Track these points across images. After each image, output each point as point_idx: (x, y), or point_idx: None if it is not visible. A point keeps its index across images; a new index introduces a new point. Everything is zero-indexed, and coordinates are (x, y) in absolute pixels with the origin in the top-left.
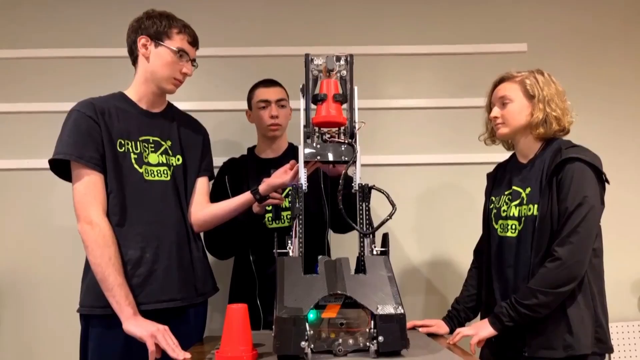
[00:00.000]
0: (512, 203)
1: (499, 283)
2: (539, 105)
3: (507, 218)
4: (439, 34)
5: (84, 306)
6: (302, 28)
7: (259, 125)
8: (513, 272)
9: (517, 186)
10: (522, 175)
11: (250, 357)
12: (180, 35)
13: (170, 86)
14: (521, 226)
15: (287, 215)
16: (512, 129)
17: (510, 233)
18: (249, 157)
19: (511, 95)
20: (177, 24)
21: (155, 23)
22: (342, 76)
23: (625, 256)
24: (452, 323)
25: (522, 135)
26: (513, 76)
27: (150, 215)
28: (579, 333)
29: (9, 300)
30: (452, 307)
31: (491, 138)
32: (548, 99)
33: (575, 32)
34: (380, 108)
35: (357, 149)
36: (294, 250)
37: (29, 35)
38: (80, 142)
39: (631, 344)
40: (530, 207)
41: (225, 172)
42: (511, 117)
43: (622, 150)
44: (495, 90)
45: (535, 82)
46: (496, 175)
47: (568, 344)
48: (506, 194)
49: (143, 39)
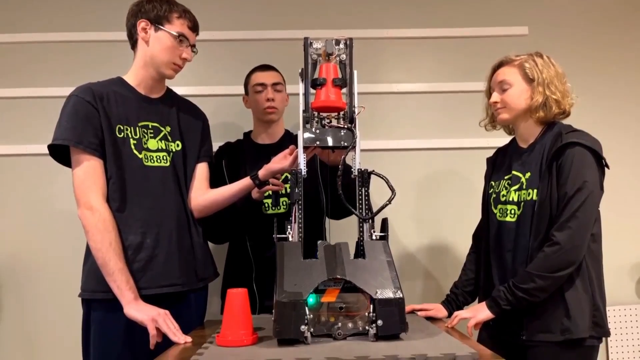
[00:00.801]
0: (511, 188)
1: (497, 267)
2: (538, 89)
3: (507, 203)
4: (439, 17)
5: (85, 291)
6: (301, 11)
7: (255, 109)
8: (512, 256)
9: (517, 171)
10: (522, 160)
11: (251, 341)
12: (180, 20)
13: (169, 71)
14: (520, 211)
15: (284, 201)
16: (512, 113)
17: (509, 218)
18: (245, 141)
19: (510, 79)
20: (178, 9)
21: (155, 7)
22: (342, 60)
23: (623, 240)
24: (450, 307)
25: (523, 119)
26: (512, 60)
27: (150, 201)
28: (577, 317)
29: (9, 287)
30: (450, 291)
31: (491, 123)
32: (547, 82)
33: (576, 15)
34: (380, 92)
35: (357, 134)
36: (294, 236)
37: (27, 19)
38: (79, 127)
39: (628, 328)
40: (529, 191)
41: (222, 156)
42: (511, 102)
43: (624, 133)
44: (495, 75)
45: (534, 65)
46: (496, 159)
47: (565, 327)
48: (506, 179)
49: (143, 23)
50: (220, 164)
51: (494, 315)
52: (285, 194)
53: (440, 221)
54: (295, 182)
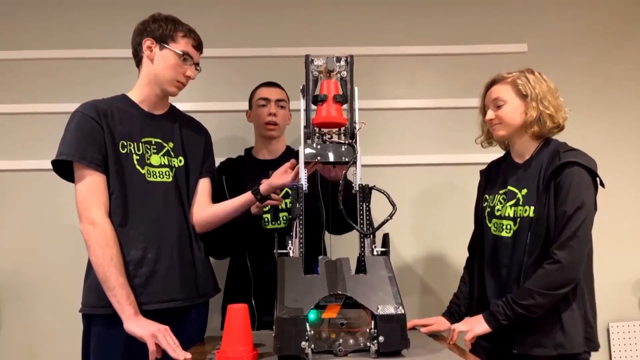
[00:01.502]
0: (507, 203)
1: (492, 281)
2: (532, 104)
3: (502, 218)
4: (439, 34)
5: (86, 306)
6: (303, 29)
7: (257, 124)
8: (507, 272)
9: (513, 186)
10: (517, 176)
11: (251, 357)
12: (185, 39)
13: (173, 89)
14: (517, 226)
15: (283, 216)
16: (509, 129)
17: (505, 233)
18: (246, 157)
19: (504, 96)
20: (183, 28)
21: (161, 26)
22: (343, 77)
23: (626, 256)
24: (453, 318)
25: (518, 135)
26: (504, 77)
27: (152, 216)
28: (571, 333)
29: (10, 301)
30: (451, 302)
31: (487, 140)
32: (540, 97)
33: (575, 32)
34: (381, 109)
35: (358, 150)
36: (295, 251)
37: (34, 36)
38: (83, 143)
39: (632, 344)
40: (526, 208)
41: (222, 172)
42: (506, 118)
43: (625, 148)
44: (488, 93)
45: (526, 81)
46: (489, 172)
47: (559, 342)
48: (501, 193)
49: (148, 41)
50: (221, 180)
51: (491, 330)
52: (286, 209)
53: (441, 236)
54: (297, 197)
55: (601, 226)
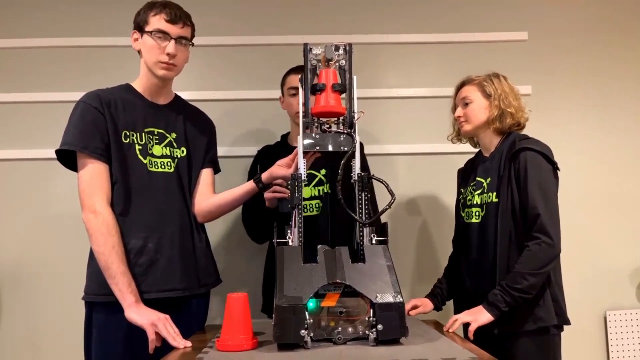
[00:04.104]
0: (475, 192)
1: (464, 262)
2: (495, 103)
3: (472, 206)
4: (439, 22)
5: (88, 293)
6: (301, 17)
7: (290, 112)
8: (477, 252)
9: (480, 177)
10: (484, 167)
11: (251, 346)
12: (156, 17)
13: (160, 71)
14: (484, 212)
15: (316, 203)
16: (473, 125)
17: (474, 219)
18: (281, 144)
19: (471, 96)
20: (155, 7)
21: (139, 14)
22: (341, 66)
23: (624, 245)
24: (436, 300)
25: (483, 130)
26: (472, 79)
27: (153, 206)
28: (546, 306)
29: (12, 290)
30: (435, 285)
31: (457, 137)
32: (502, 97)
33: (576, 21)
34: (380, 97)
35: (356, 139)
36: (294, 240)
37: (35, 24)
38: (86, 132)
39: (629, 332)
40: (490, 194)
41: (258, 160)
42: (473, 115)
43: (625, 137)
44: (458, 93)
45: (491, 82)
46: (465, 169)
47: (538, 317)
48: (471, 185)
49: (134, 34)
50: (255, 168)
51: (494, 318)
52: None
53: (440, 226)
54: (296, 187)
55: (599, 216)
